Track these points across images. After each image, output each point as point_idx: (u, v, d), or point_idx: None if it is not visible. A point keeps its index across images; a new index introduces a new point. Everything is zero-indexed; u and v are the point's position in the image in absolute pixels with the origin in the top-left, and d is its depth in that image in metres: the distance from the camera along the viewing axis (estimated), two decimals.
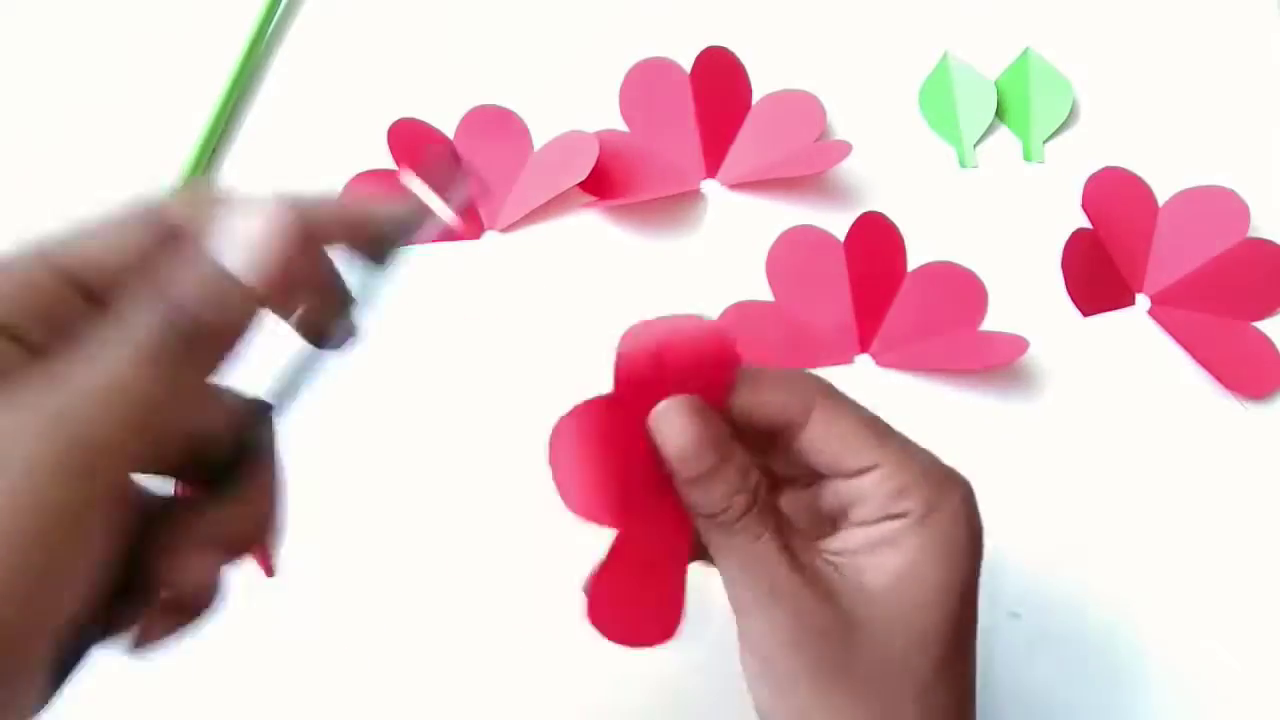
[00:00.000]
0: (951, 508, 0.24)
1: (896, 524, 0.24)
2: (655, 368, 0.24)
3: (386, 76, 0.46)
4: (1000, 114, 0.45)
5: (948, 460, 0.37)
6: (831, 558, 0.25)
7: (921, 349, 0.41)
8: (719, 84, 0.45)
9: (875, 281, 0.42)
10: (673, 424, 0.24)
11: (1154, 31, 0.47)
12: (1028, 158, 0.45)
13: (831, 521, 0.26)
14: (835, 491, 0.25)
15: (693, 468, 0.24)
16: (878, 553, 0.24)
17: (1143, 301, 0.43)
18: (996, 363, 0.40)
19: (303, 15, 0.47)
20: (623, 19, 0.47)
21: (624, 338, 0.24)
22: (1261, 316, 0.42)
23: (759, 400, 0.25)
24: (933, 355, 0.41)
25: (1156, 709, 0.37)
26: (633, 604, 0.25)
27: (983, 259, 0.43)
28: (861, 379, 0.41)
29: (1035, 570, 0.39)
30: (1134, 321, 0.42)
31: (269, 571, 0.39)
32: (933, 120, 0.45)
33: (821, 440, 0.25)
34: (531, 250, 0.43)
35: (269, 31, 0.46)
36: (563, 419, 0.25)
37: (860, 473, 0.25)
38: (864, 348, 0.42)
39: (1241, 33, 0.47)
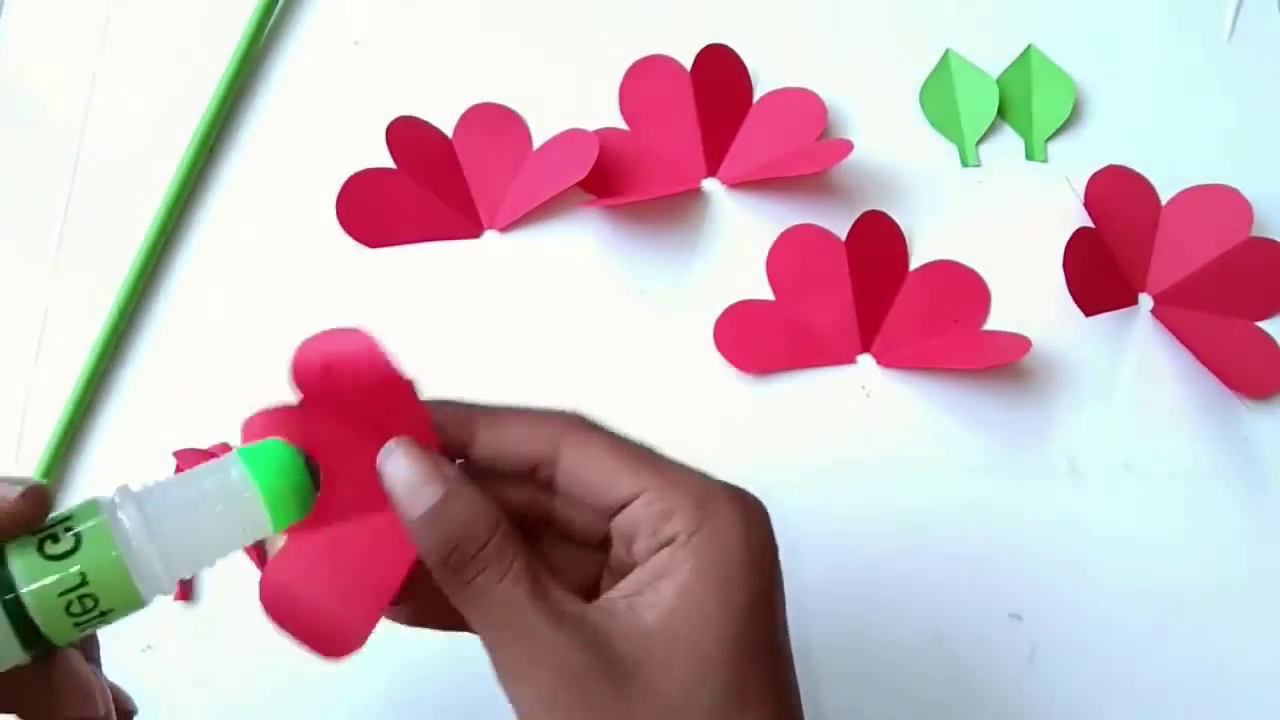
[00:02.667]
0: (721, 523, 0.22)
1: (667, 551, 0.22)
2: (326, 380, 0.23)
3: (385, 75, 0.45)
4: (1002, 112, 0.45)
5: (947, 462, 0.37)
6: (616, 602, 0.22)
7: (923, 348, 0.41)
8: (720, 82, 0.45)
9: (877, 281, 0.42)
10: (394, 462, 0.23)
11: (1156, 30, 0.47)
12: (1030, 156, 0.45)
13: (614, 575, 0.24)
14: (616, 532, 0.24)
15: (414, 506, 0.22)
16: (655, 586, 0.22)
17: (1145, 301, 0.43)
18: (998, 362, 0.40)
19: (301, 13, 0.47)
20: (623, 17, 0.46)
21: (296, 350, 0.24)
22: (1264, 316, 0.42)
23: (500, 437, 0.24)
24: (934, 354, 0.41)
25: (1156, 709, 0.37)
26: (310, 603, 0.23)
27: (985, 258, 0.42)
28: (863, 378, 0.41)
29: (1035, 571, 0.38)
30: (1136, 321, 0.42)
31: None
32: (934, 119, 0.45)
33: (577, 472, 0.23)
34: (531, 249, 0.43)
35: (266, 29, 0.46)
36: (251, 419, 0.24)
37: (625, 503, 0.23)
38: (865, 347, 0.41)
39: (1243, 31, 0.47)
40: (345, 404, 0.23)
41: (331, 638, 0.23)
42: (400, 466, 0.23)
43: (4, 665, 0.19)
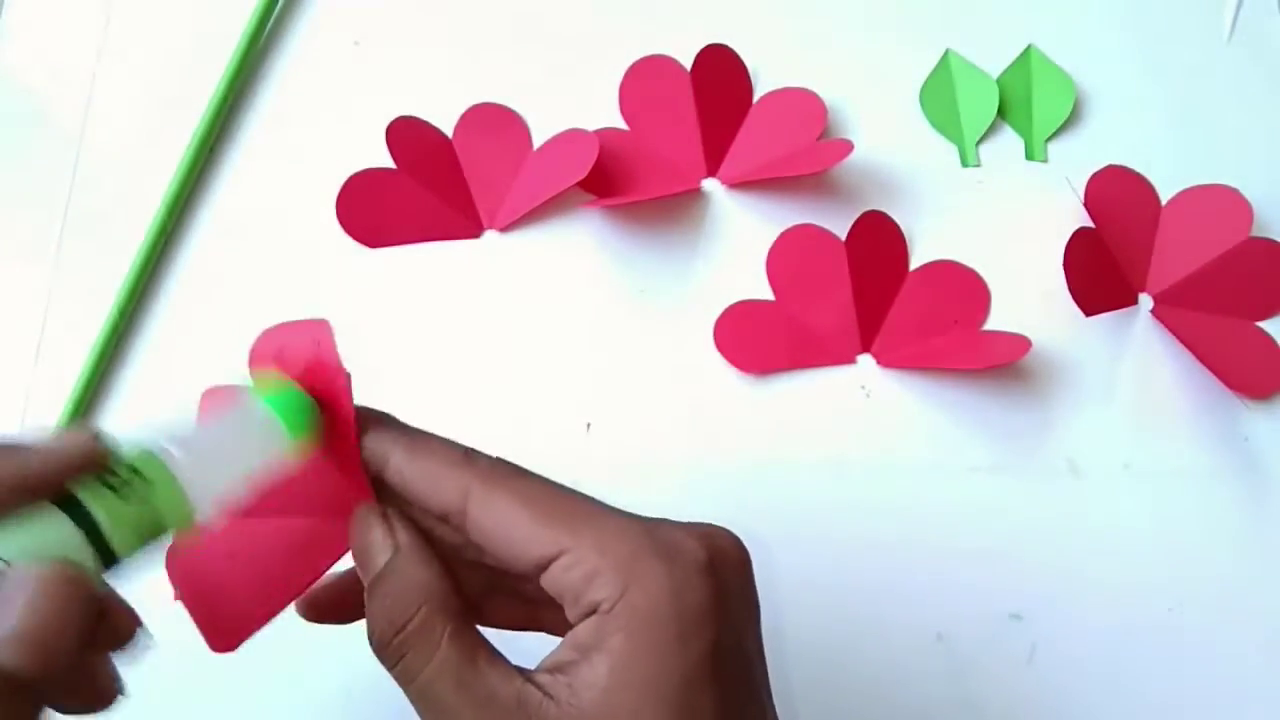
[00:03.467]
0: (648, 587, 0.20)
1: (594, 620, 0.20)
2: (276, 368, 0.24)
3: (385, 74, 0.45)
4: (1002, 112, 0.45)
5: (947, 462, 0.37)
6: (551, 681, 0.21)
7: (923, 348, 0.41)
8: (720, 82, 0.44)
9: (877, 281, 0.42)
10: (354, 527, 0.23)
11: (1156, 30, 0.47)
12: (1030, 156, 0.45)
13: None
14: (547, 589, 0.22)
15: (364, 578, 0.22)
16: (589, 661, 0.20)
17: (1145, 301, 0.43)
18: (998, 362, 0.40)
19: (301, 13, 0.47)
20: (623, 17, 0.46)
21: (258, 336, 0.25)
22: (1265, 316, 0.42)
23: (412, 474, 0.22)
24: (935, 354, 0.41)
25: (1156, 709, 0.37)
26: (214, 584, 0.24)
27: (985, 258, 0.42)
28: (863, 378, 0.41)
29: (1035, 571, 0.38)
30: (1136, 321, 0.42)
31: None
32: (934, 119, 0.45)
33: (486, 529, 0.22)
34: (531, 249, 0.43)
35: (266, 29, 0.46)
36: (203, 395, 0.25)
37: (544, 562, 0.21)
38: (866, 347, 0.41)
39: (1244, 31, 0.47)
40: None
41: (220, 627, 0.24)
42: (355, 534, 0.23)
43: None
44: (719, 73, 0.44)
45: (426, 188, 0.43)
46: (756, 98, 0.45)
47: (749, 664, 0.22)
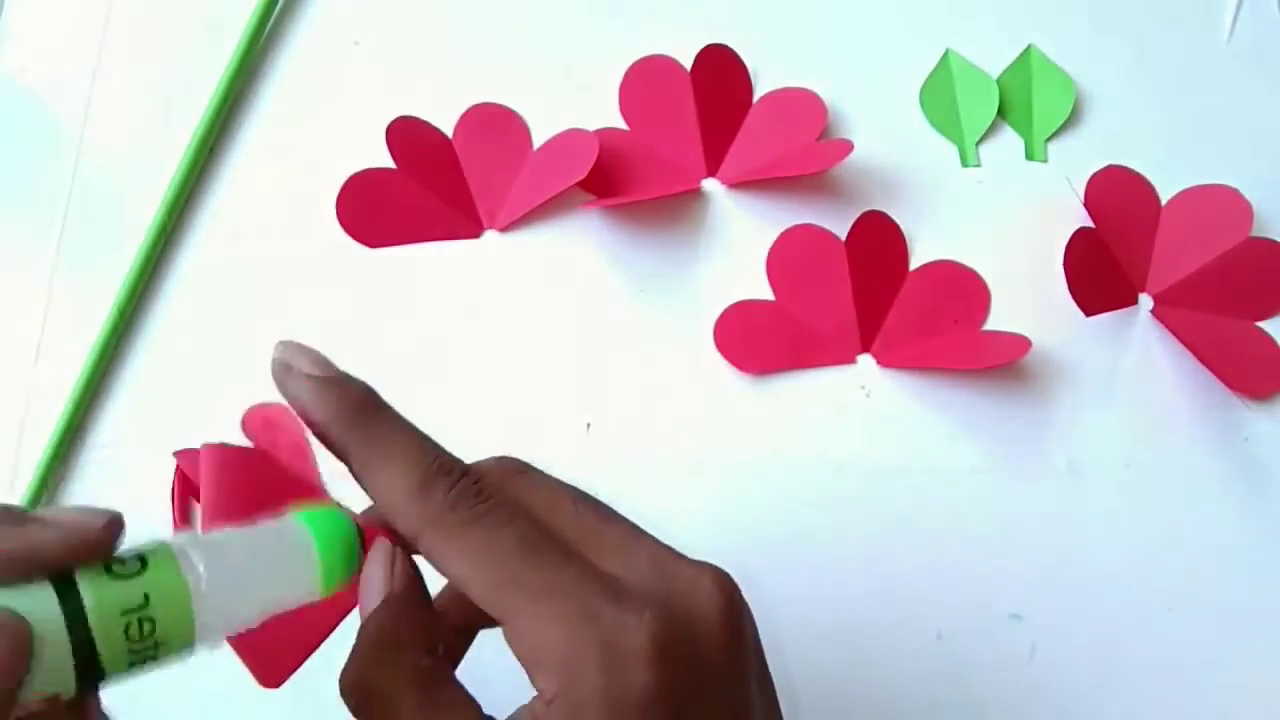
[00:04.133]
0: (585, 685, 0.19)
1: (540, 705, 0.19)
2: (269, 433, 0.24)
3: (385, 74, 0.45)
4: (1002, 112, 0.45)
5: (947, 462, 0.37)
6: None
7: (923, 348, 0.41)
8: (719, 82, 0.44)
9: (877, 281, 0.42)
10: (367, 563, 0.22)
11: (1156, 30, 0.47)
12: (1030, 156, 0.45)
13: None
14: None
15: (365, 605, 0.21)
16: None
17: (1145, 301, 0.43)
18: (998, 362, 0.40)
19: (301, 13, 0.47)
20: (622, 17, 0.46)
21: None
22: (1265, 316, 0.42)
23: (374, 492, 0.22)
24: (935, 354, 0.41)
25: (1156, 709, 0.37)
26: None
27: (985, 258, 0.42)
28: (863, 378, 0.41)
29: (1035, 571, 0.38)
30: (1136, 321, 0.42)
31: None
32: (934, 119, 0.45)
33: (437, 566, 0.21)
34: (531, 249, 0.43)
35: (266, 29, 0.46)
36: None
37: (492, 620, 0.20)
38: (865, 347, 0.41)
39: (1243, 31, 0.47)
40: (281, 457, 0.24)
41: (266, 663, 0.23)
42: (365, 569, 0.22)
43: (49, 690, 0.19)
44: (719, 73, 0.44)
45: (426, 188, 0.43)
46: (756, 98, 0.45)
47: None
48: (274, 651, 0.24)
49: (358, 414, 0.22)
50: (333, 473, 0.23)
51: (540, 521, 0.21)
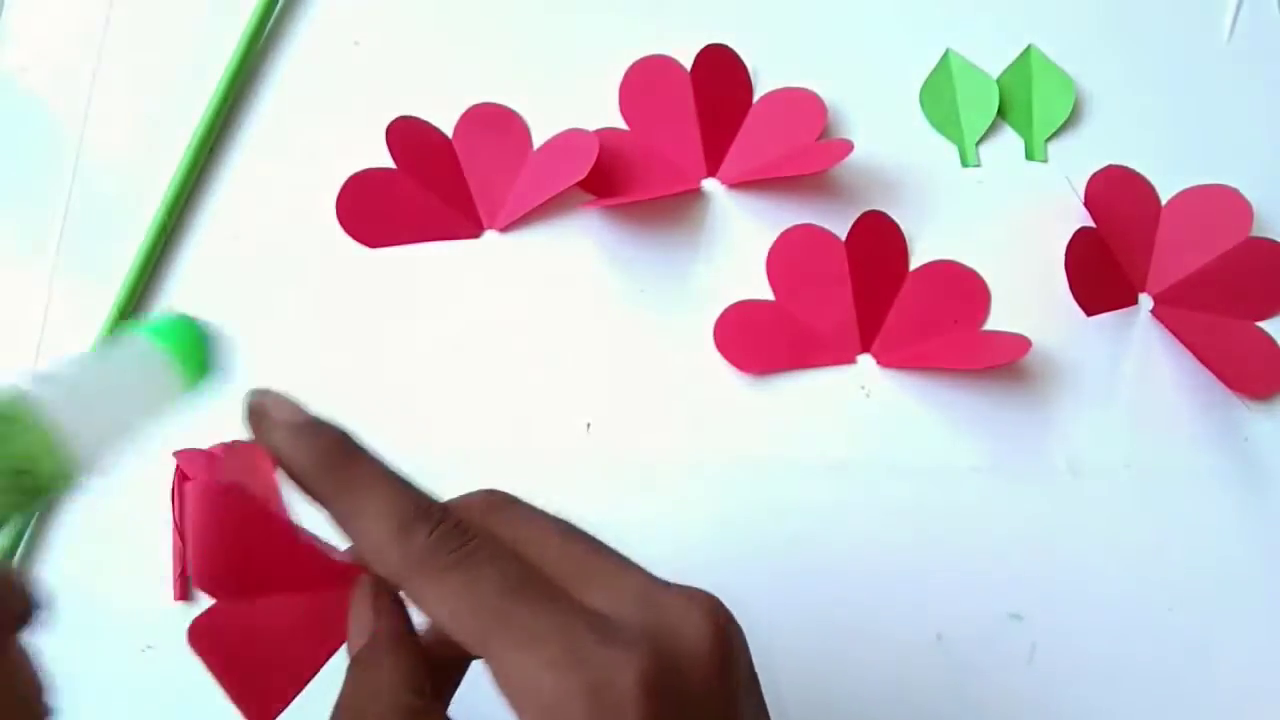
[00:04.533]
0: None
1: None
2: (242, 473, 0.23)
3: (385, 74, 0.45)
4: (1002, 112, 0.45)
5: (947, 462, 0.37)
6: None
7: (923, 348, 0.41)
8: (719, 82, 0.44)
9: (877, 281, 0.42)
10: (351, 602, 0.22)
11: (1156, 30, 0.47)
12: (1030, 156, 0.45)
13: None
14: None
15: (350, 647, 0.22)
16: None
17: (1145, 301, 0.43)
18: (999, 362, 0.40)
19: (301, 13, 0.47)
20: (623, 16, 0.46)
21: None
22: (1265, 316, 0.42)
23: (353, 538, 0.21)
24: (935, 355, 0.41)
25: (1156, 709, 0.37)
26: (239, 663, 0.23)
27: (985, 258, 0.42)
28: (863, 378, 0.41)
29: (1035, 571, 0.38)
30: (1136, 321, 0.42)
31: None
32: (934, 119, 0.45)
33: (421, 607, 0.21)
34: (531, 249, 0.43)
35: (266, 29, 0.46)
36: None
37: (473, 654, 0.20)
38: (865, 347, 0.41)
39: (1243, 31, 0.47)
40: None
41: (255, 703, 0.23)
42: (350, 610, 0.22)
43: None
44: (719, 73, 0.44)
45: (426, 188, 0.43)
46: (756, 98, 0.45)
47: None
48: (263, 690, 0.24)
49: (335, 460, 0.22)
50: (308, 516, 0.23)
51: (525, 558, 0.21)
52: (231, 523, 0.22)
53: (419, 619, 0.22)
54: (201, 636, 0.23)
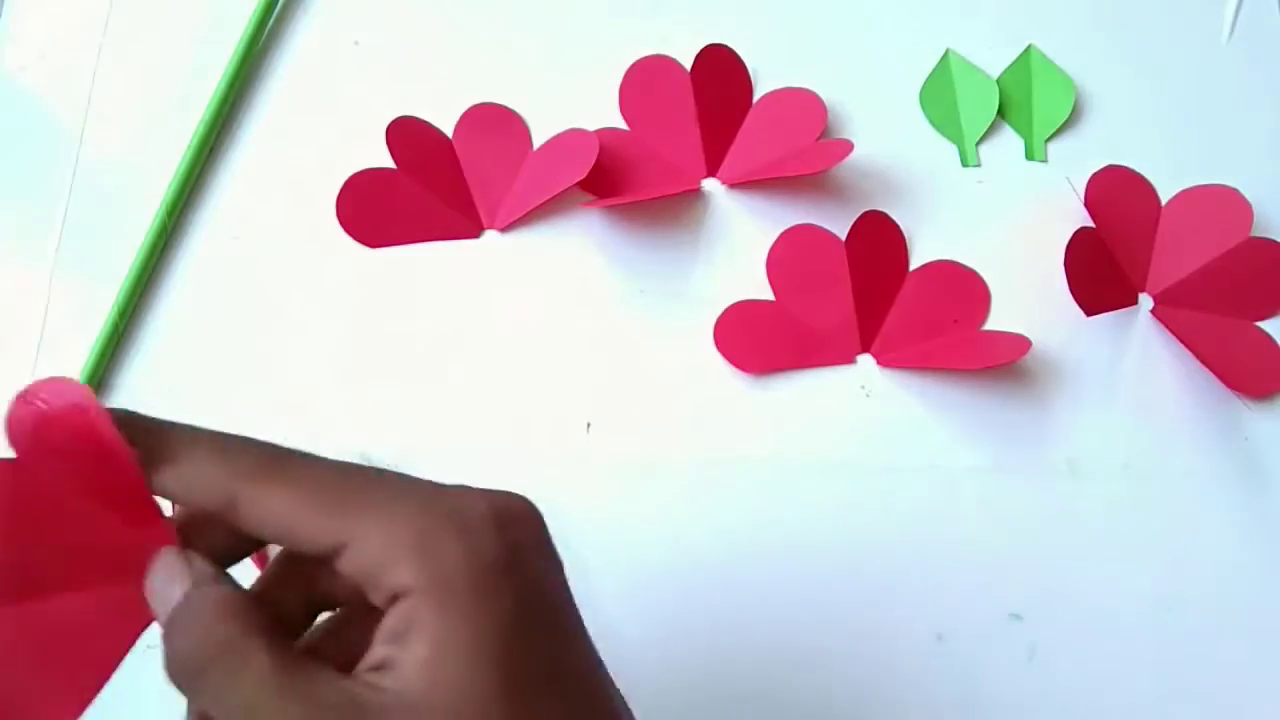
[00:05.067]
0: (446, 556, 0.20)
1: (402, 604, 0.20)
2: (39, 436, 0.21)
3: (385, 74, 0.45)
4: (1002, 112, 0.45)
5: (947, 462, 0.37)
6: (376, 679, 0.20)
7: (923, 348, 0.41)
8: (719, 82, 0.45)
9: (877, 281, 0.42)
10: (151, 570, 0.22)
11: (1157, 30, 0.47)
12: (1030, 156, 0.45)
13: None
14: (349, 581, 0.21)
15: (160, 615, 0.21)
16: (403, 646, 0.20)
17: (1145, 301, 0.43)
18: (998, 362, 0.40)
19: (301, 13, 0.47)
20: (623, 16, 0.46)
21: (11, 403, 0.21)
22: (1265, 316, 0.42)
23: (176, 477, 0.21)
24: (935, 355, 0.41)
25: (1156, 709, 0.37)
26: (11, 681, 0.21)
27: (985, 258, 0.42)
28: (863, 378, 0.41)
29: (1035, 571, 0.38)
30: (1136, 321, 0.42)
31: None
32: (934, 119, 0.45)
33: (261, 522, 0.21)
34: (531, 249, 0.43)
35: (266, 29, 0.46)
36: None
37: (336, 552, 0.20)
38: (865, 347, 0.41)
39: (1243, 31, 0.47)
40: (61, 463, 0.21)
41: (51, 712, 0.21)
42: (154, 569, 0.22)
43: None
44: (719, 73, 0.44)
45: (426, 188, 0.43)
46: (756, 98, 0.45)
47: (560, 611, 0.22)
48: (46, 703, 0.22)
49: (149, 430, 0.22)
50: None
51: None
52: (9, 507, 0.21)
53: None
54: None
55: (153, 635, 0.23)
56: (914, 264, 0.43)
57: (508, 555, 0.21)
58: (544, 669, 0.21)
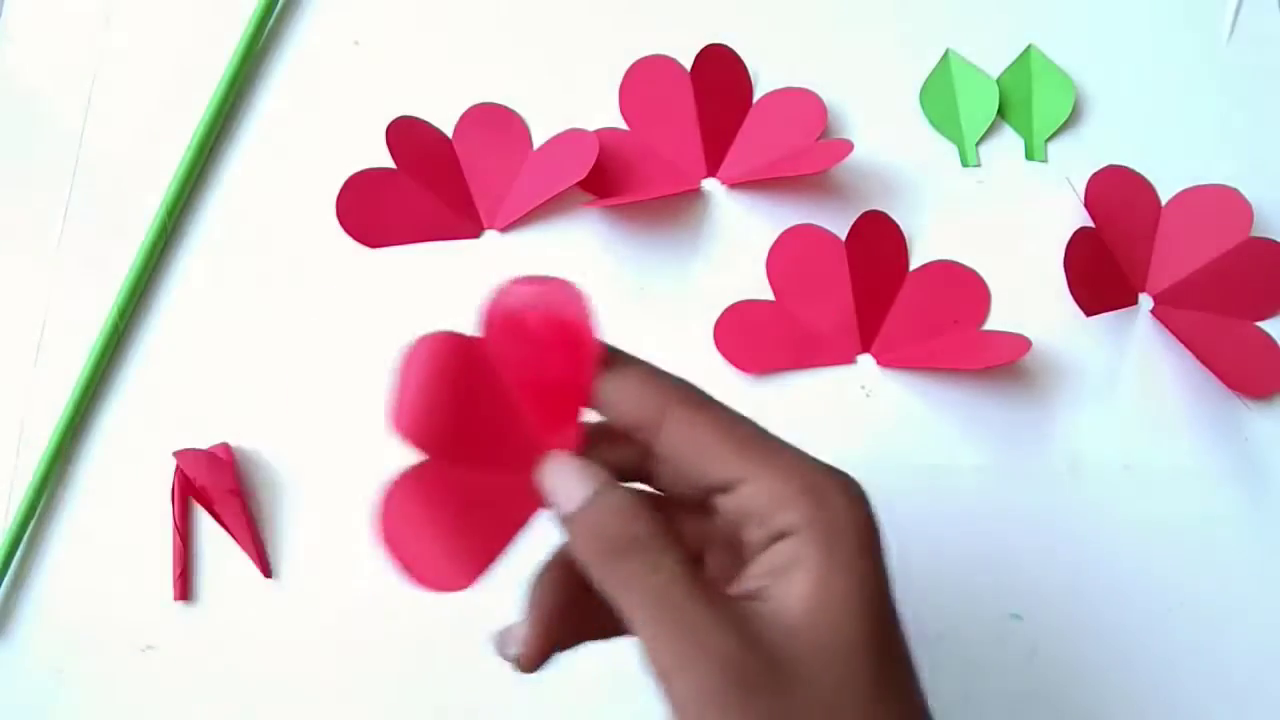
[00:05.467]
0: (837, 514, 0.22)
1: (788, 543, 0.22)
2: (518, 324, 0.24)
3: (385, 74, 0.45)
4: (1002, 112, 0.45)
5: (947, 462, 0.37)
6: (755, 595, 0.22)
7: (923, 348, 0.41)
8: (720, 82, 0.44)
9: (877, 281, 0.42)
10: (549, 466, 0.23)
11: (1156, 30, 0.47)
12: (1030, 156, 0.45)
13: (735, 551, 0.24)
14: (722, 513, 0.23)
15: (568, 503, 0.23)
16: (784, 577, 0.22)
17: (1145, 301, 0.43)
18: (998, 362, 0.40)
19: (301, 13, 0.47)
20: (623, 17, 0.46)
21: (497, 292, 0.25)
22: (1264, 316, 0.42)
23: (614, 389, 0.23)
24: (934, 355, 0.41)
25: (1157, 709, 0.37)
26: (431, 535, 0.23)
27: (985, 258, 0.42)
28: (863, 378, 0.41)
29: (1035, 571, 0.38)
30: (1136, 321, 0.42)
31: (266, 572, 0.39)
32: (934, 119, 0.45)
33: (677, 446, 0.23)
34: (530, 250, 0.43)
35: (266, 29, 0.46)
36: (418, 341, 0.25)
37: (729, 486, 0.23)
38: (865, 347, 0.41)
39: (1243, 31, 0.47)
40: (522, 350, 0.24)
41: (437, 572, 0.23)
42: (554, 469, 0.23)
43: None
44: (719, 73, 0.44)
45: (426, 188, 0.43)
46: (756, 98, 0.45)
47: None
48: (459, 555, 0.23)
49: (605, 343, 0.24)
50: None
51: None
52: (459, 378, 0.23)
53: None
54: (400, 496, 0.23)
55: (146, 638, 0.23)
56: (914, 264, 0.42)
57: (876, 523, 0.23)
58: (895, 632, 0.23)
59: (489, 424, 0.24)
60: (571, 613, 0.25)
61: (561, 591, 0.25)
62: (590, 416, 0.24)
